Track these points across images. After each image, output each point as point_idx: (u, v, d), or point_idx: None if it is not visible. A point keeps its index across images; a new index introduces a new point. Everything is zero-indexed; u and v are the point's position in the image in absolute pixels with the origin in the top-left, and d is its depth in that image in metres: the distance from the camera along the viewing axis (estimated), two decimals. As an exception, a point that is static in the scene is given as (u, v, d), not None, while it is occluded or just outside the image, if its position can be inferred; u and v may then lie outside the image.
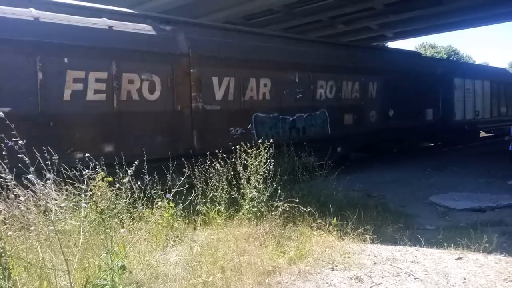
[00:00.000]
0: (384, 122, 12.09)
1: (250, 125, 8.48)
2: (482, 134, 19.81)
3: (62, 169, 3.98)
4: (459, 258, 4.41)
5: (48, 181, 3.15)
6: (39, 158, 3.32)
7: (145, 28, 7.23)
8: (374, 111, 11.68)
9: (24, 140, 2.94)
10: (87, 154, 4.12)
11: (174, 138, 7.24)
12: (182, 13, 11.11)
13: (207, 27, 8.71)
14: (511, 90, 20.02)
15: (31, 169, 2.96)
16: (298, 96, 9.50)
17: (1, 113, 3.01)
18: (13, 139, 2.90)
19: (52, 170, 3.21)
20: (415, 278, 3.97)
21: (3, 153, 3.23)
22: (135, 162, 3.86)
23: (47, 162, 3.27)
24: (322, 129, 10.07)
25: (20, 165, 3.01)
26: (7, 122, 2.98)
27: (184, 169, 4.84)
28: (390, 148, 13.71)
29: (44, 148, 3.88)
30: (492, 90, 18.10)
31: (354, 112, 11.01)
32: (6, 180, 3.17)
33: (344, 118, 10.73)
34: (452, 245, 4.62)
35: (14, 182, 3.25)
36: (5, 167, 3.21)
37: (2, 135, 3.22)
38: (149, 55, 7.02)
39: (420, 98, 13.59)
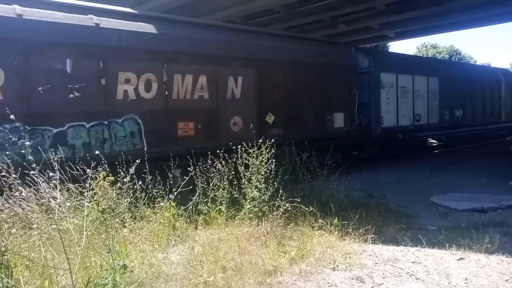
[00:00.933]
0: (258, 133, 7.85)
1: None
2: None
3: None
4: (461, 258, 4.41)
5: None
6: None
7: None
8: (239, 117, 8.31)
9: (31, 141, 2.90)
10: None
11: None
12: (184, 12, 11.12)
13: None
14: (471, 89, 16.23)
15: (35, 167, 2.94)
16: (72, 96, 6.25)
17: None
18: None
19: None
20: (416, 279, 3.96)
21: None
22: None
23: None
24: (131, 145, 6.82)
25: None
26: None
27: None
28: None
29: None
30: (443, 89, 14.46)
31: (198, 119, 7.66)
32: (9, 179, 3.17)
33: (177, 128, 7.39)
34: (454, 245, 4.61)
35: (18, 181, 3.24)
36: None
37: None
38: None
39: (323, 98, 10.10)
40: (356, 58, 11.85)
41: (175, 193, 4.36)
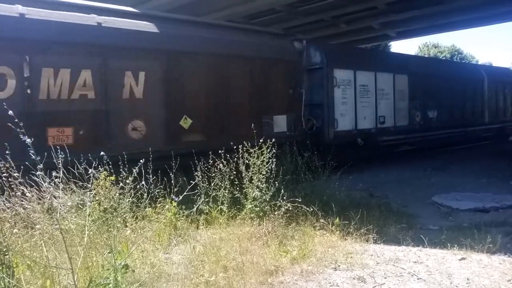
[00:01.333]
0: (170, 139, 7.19)
1: None
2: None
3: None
4: (463, 258, 4.40)
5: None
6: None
7: None
8: (140, 121, 6.87)
9: (32, 139, 2.87)
10: None
11: None
12: (185, 12, 11.13)
13: None
14: (448, 88, 14.60)
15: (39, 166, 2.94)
16: None
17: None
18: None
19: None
20: (418, 279, 3.96)
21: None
22: None
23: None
24: None
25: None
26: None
27: None
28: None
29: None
30: (413, 87, 12.97)
31: (79, 123, 6.25)
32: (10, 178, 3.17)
33: (48, 136, 5.94)
34: (456, 245, 4.60)
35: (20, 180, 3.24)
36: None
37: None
38: None
39: (260, 98, 8.59)
40: (308, 53, 10.53)
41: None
